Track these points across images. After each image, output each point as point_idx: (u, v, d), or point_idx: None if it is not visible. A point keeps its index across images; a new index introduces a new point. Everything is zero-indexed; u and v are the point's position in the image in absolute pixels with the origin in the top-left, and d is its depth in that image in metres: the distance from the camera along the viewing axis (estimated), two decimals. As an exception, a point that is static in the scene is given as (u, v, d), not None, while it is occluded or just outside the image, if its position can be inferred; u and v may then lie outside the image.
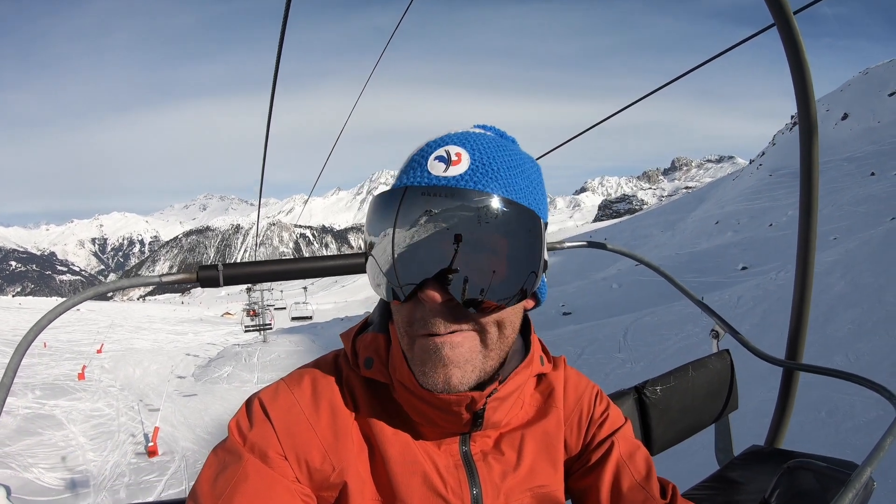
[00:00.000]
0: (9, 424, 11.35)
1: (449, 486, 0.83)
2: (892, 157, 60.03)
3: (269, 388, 0.84)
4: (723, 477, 1.94)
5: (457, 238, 0.70)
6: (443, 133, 0.81)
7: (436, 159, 0.75)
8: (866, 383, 1.61)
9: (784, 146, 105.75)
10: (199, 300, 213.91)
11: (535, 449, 0.91)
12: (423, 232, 0.70)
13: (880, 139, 76.61)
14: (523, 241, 0.74)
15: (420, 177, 0.74)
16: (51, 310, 1.32)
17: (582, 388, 1.01)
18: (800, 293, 2.04)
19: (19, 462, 9.51)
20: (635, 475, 0.93)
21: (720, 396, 2.14)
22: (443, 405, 0.78)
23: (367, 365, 0.85)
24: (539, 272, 0.77)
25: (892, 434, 1.23)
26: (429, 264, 0.71)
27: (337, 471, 0.79)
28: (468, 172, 0.74)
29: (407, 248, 0.71)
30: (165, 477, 9.54)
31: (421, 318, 0.74)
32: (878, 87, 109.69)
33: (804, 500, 1.37)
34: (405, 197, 0.71)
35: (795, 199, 3.53)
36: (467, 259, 0.71)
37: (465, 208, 0.70)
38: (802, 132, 1.88)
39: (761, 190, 70.16)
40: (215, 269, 1.51)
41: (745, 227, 50.04)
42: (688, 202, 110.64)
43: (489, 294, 0.73)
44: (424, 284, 0.71)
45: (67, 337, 33.24)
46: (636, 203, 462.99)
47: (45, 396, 14.51)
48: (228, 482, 0.73)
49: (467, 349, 0.76)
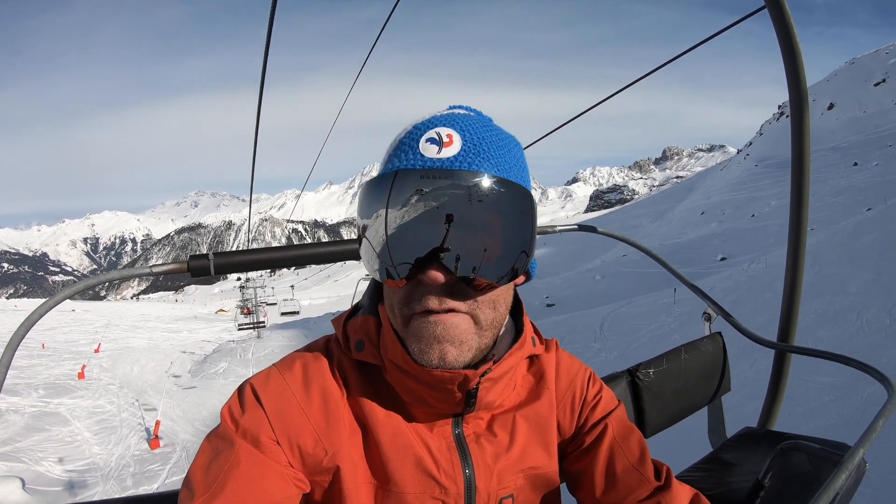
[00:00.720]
0: (17, 422, 11.97)
1: (441, 468, 0.83)
2: (876, 147, 60.41)
3: (260, 373, 0.84)
4: (716, 458, 1.94)
5: (455, 218, 0.71)
6: (426, 115, 0.82)
7: (427, 141, 0.76)
8: (858, 365, 1.61)
9: (771, 136, 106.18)
10: (193, 298, 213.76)
11: (527, 431, 0.91)
12: (423, 213, 0.71)
13: (865, 129, 77.06)
14: (518, 218, 0.75)
15: (414, 159, 0.75)
16: (41, 304, 1.30)
17: (574, 371, 1.00)
18: (791, 277, 2.03)
19: (30, 456, 10.14)
20: (629, 457, 0.92)
21: (713, 379, 2.14)
22: (436, 382, 0.78)
23: (358, 347, 0.85)
24: (532, 249, 0.79)
25: (884, 416, 1.23)
26: (432, 244, 0.72)
27: (329, 454, 0.79)
28: (461, 153, 0.75)
29: (409, 230, 0.72)
30: (168, 466, 10.21)
31: (418, 297, 0.75)
32: (865, 76, 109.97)
33: (797, 480, 1.41)
34: (404, 180, 0.72)
35: (779, 190, 3.99)
36: (466, 239, 0.72)
37: (463, 189, 0.71)
38: (794, 116, 1.87)
39: (746, 180, 71.22)
40: (206, 259, 1.49)
41: (730, 217, 50.48)
42: (677, 192, 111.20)
43: (487, 273, 0.74)
44: (425, 264, 0.72)
45: (65, 338, 33.65)
46: (627, 193, 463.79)
47: (48, 395, 15.10)
48: (221, 468, 0.74)
49: (463, 328, 0.76)
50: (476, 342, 0.78)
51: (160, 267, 1.46)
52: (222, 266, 1.52)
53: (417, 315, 0.76)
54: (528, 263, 0.78)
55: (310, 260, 1.68)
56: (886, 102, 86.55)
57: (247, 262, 1.57)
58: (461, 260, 0.72)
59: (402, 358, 0.79)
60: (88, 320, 47.30)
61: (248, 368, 24.20)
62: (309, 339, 23.65)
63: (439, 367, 0.76)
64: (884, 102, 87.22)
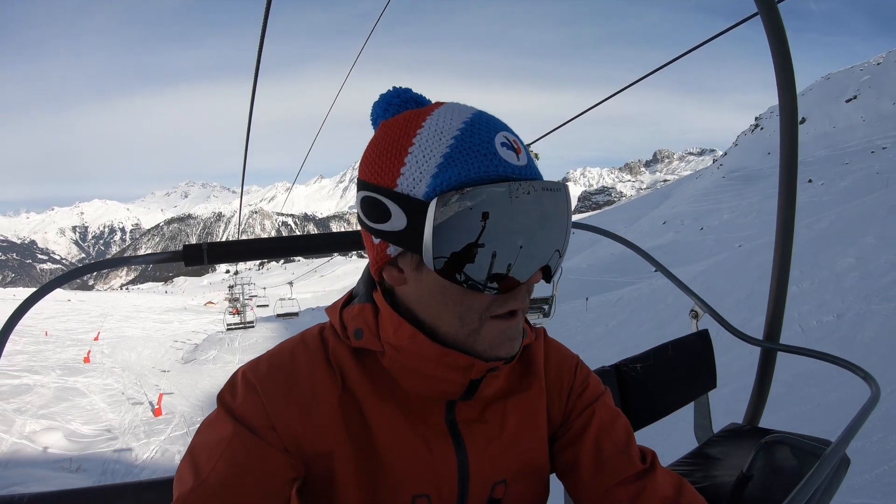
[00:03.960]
0: (46, 394, 14.85)
1: (435, 453, 0.83)
2: (833, 164, 62.44)
3: (255, 360, 0.83)
4: (702, 453, 1.95)
5: (566, 224, 0.75)
6: (464, 111, 0.76)
7: (502, 146, 0.72)
8: (843, 363, 1.62)
9: (744, 147, 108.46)
10: (182, 289, 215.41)
11: (518, 417, 0.91)
12: (544, 221, 0.71)
13: (833, 144, 79.41)
14: (570, 215, 0.77)
15: (504, 166, 0.71)
16: (35, 291, 1.31)
17: (563, 358, 1.01)
18: (778, 276, 2.02)
19: (62, 418, 13.05)
20: (616, 441, 0.93)
21: (699, 375, 2.18)
22: (453, 363, 0.77)
23: (357, 335, 0.83)
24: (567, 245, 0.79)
25: (867, 413, 1.25)
26: (548, 250, 0.73)
27: (324, 440, 0.79)
28: (529, 159, 0.75)
29: (535, 239, 0.71)
30: (170, 427, 13.09)
31: (504, 300, 0.75)
32: (838, 92, 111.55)
33: (781, 473, 1.50)
34: (518, 190, 0.68)
35: (737, 203, 5.48)
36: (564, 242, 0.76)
37: (563, 195, 0.74)
38: (784, 121, 1.88)
39: (710, 192, 73.81)
40: (199, 249, 1.47)
41: (686, 228, 52.84)
42: (653, 198, 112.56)
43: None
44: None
45: (64, 326, 35.50)
46: (615, 195, 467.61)
47: (65, 374, 17.90)
48: (216, 453, 0.73)
49: (522, 322, 0.80)
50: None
51: (156, 256, 1.46)
52: (216, 256, 1.50)
53: (499, 317, 0.76)
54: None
55: (302, 251, 1.65)
56: (855, 119, 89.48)
57: (240, 252, 1.55)
58: (557, 261, 0.76)
59: (411, 336, 0.77)
60: (84, 310, 49.40)
61: (235, 356, 26.97)
62: (292, 332, 27.39)
63: (506, 360, 0.79)
64: (853, 118, 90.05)
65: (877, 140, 71.12)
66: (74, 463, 10.23)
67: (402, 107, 0.82)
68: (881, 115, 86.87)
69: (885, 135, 72.94)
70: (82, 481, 9.24)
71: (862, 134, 79.16)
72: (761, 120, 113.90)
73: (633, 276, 31.30)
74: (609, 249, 46.83)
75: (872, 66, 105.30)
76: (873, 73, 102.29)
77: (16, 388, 14.77)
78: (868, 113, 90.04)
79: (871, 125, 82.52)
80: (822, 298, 13.64)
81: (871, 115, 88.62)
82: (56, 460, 10.34)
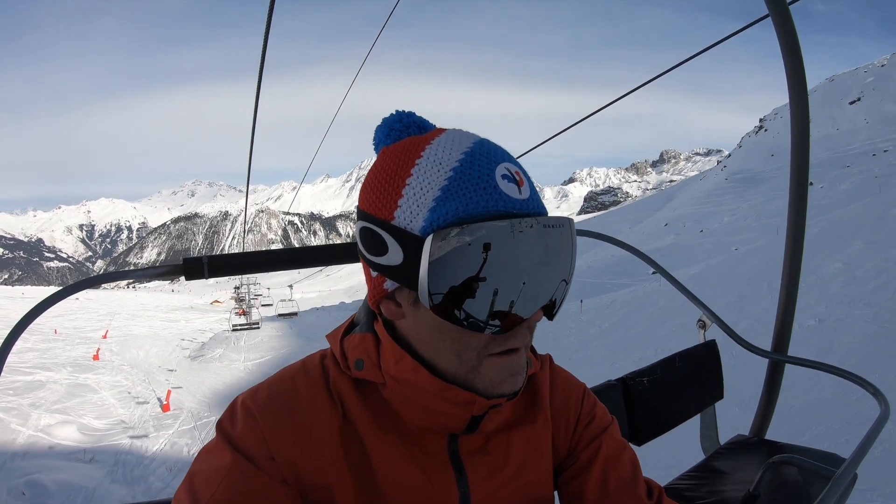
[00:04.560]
0: (59, 390, 15.46)
1: (436, 485, 0.81)
2: (835, 167, 61.80)
3: (255, 388, 0.83)
4: (709, 466, 1.94)
5: (568, 263, 0.72)
6: (464, 139, 0.74)
7: (503, 178, 0.70)
8: (853, 378, 1.60)
9: (747, 149, 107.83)
10: (189, 288, 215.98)
11: (522, 448, 0.89)
12: (544, 259, 0.69)
13: (835, 146, 78.45)
14: (575, 249, 0.75)
15: (504, 202, 0.69)
16: (40, 302, 1.28)
17: (570, 388, 0.99)
18: (787, 286, 2.00)
19: (75, 413, 13.64)
20: (622, 475, 0.91)
21: (706, 386, 2.16)
22: (453, 399, 0.76)
23: (357, 366, 0.82)
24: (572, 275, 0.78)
25: (877, 431, 1.23)
26: (551, 287, 0.71)
27: (324, 471, 0.78)
28: (532, 191, 0.73)
29: (536, 278, 0.69)
30: (178, 421, 13.69)
31: (503, 338, 0.73)
32: (842, 94, 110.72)
33: (788, 494, 1.47)
34: (518, 228, 0.66)
35: (737, 206, 5.45)
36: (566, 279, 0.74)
37: (565, 231, 0.71)
38: (794, 123, 1.85)
39: (712, 194, 73.31)
40: (200, 262, 1.47)
41: (687, 230, 52.58)
42: (657, 200, 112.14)
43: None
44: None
45: (73, 324, 36.14)
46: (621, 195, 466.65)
47: (76, 371, 18.53)
48: (214, 483, 0.72)
49: (524, 358, 0.78)
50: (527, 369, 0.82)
51: (155, 270, 1.45)
52: (216, 269, 1.49)
53: (499, 355, 0.74)
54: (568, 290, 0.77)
55: (303, 263, 1.63)
56: (859, 121, 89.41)
57: (240, 265, 1.55)
58: (560, 299, 0.74)
59: (413, 370, 0.77)
60: (93, 309, 49.84)
61: (240, 354, 27.55)
62: (293, 331, 28.11)
63: (508, 396, 0.78)
64: (856, 121, 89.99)
65: (879, 142, 70.79)
66: (88, 454, 10.82)
67: (404, 132, 0.80)
68: (885, 117, 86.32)
69: (887, 137, 72.65)
70: (96, 471, 9.85)
71: (865, 136, 78.88)
72: (765, 122, 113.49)
73: (630, 278, 31.75)
74: (609, 252, 47.17)
75: (877, 67, 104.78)
76: (877, 75, 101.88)
77: (29, 385, 15.40)
78: (871, 115, 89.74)
79: (874, 127, 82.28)
80: (805, 303, 14.09)
81: (875, 117, 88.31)
82: (71, 451, 10.94)
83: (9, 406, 12.96)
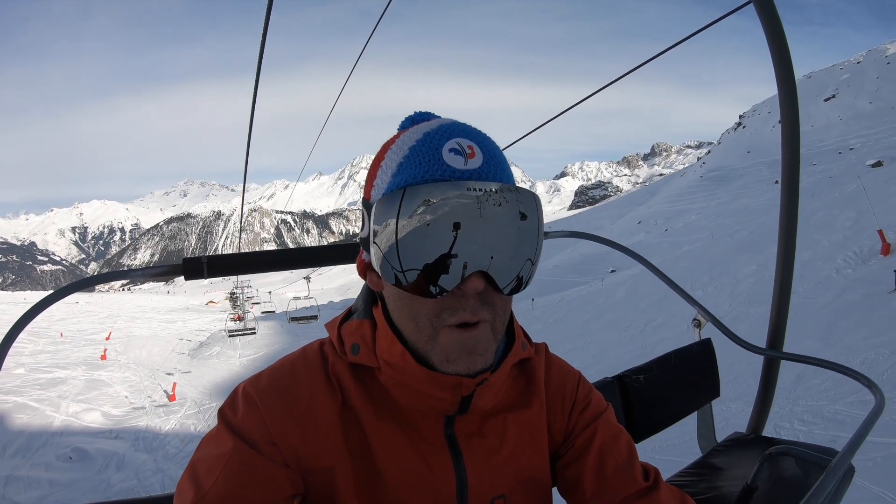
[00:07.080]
0: (79, 384, 17.88)
1: (433, 468, 0.83)
2: (803, 165, 65.34)
3: (256, 375, 0.84)
4: (706, 463, 1.94)
5: (502, 229, 0.72)
6: (433, 124, 0.79)
7: (450, 151, 0.74)
8: (848, 372, 1.60)
9: (727, 146, 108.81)
10: (184, 289, 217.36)
11: (517, 432, 0.90)
12: (474, 224, 0.70)
13: (809, 143, 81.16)
14: (537, 228, 0.76)
15: (442, 170, 0.73)
16: (39, 302, 1.28)
17: (564, 374, 1.00)
18: (780, 283, 1.99)
19: (95, 402, 16.02)
20: (618, 459, 0.93)
21: (702, 384, 2.16)
22: (441, 384, 0.78)
23: (353, 351, 0.83)
24: (538, 258, 0.79)
25: (872, 422, 1.23)
26: (478, 256, 0.70)
27: (324, 455, 0.79)
28: (484, 165, 0.75)
29: (465, 241, 0.69)
30: (184, 408, 16.08)
31: (451, 309, 0.74)
32: (818, 91, 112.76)
33: (786, 485, 1.48)
34: (447, 192, 0.69)
35: (707, 204, 6.35)
36: (505, 249, 0.73)
37: (509, 199, 0.72)
38: (784, 115, 1.83)
39: (686, 192, 74.29)
40: (199, 262, 1.47)
41: (656, 228, 53.61)
42: (640, 196, 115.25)
43: (517, 281, 0.75)
44: (470, 273, 0.71)
45: (76, 327, 38.05)
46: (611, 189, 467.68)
47: (90, 369, 20.87)
48: (217, 468, 0.74)
49: (487, 337, 0.77)
50: (493, 349, 0.80)
51: (154, 269, 1.46)
52: (215, 269, 1.49)
53: (450, 328, 0.75)
54: (534, 271, 0.79)
55: (301, 263, 1.62)
56: (833, 118, 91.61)
57: (239, 265, 1.56)
58: (501, 270, 0.73)
59: (402, 359, 0.79)
60: (93, 312, 51.72)
61: (236, 351, 29.87)
62: (284, 328, 30.90)
63: (467, 375, 0.78)
64: (830, 117, 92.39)
65: (850, 139, 72.96)
66: (113, 433, 13.32)
67: (409, 127, 0.83)
68: (858, 113, 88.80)
69: (859, 134, 74.76)
70: (122, 444, 12.34)
71: (838, 133, 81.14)
72: (744, 118, 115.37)
73: (590, 276, 33.94)
74: (580, 250, 48.42)
75: (852, 64, 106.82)
76: (853, 71, 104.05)
77: (51, 381, 17.84)
78: (845, 112, 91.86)
79: (848, 124, 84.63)
80: (715, 301, 16.70)
81: (849, 113, 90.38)
82: (98, 431, 13.44)
83: (40, 398, 15.47)
